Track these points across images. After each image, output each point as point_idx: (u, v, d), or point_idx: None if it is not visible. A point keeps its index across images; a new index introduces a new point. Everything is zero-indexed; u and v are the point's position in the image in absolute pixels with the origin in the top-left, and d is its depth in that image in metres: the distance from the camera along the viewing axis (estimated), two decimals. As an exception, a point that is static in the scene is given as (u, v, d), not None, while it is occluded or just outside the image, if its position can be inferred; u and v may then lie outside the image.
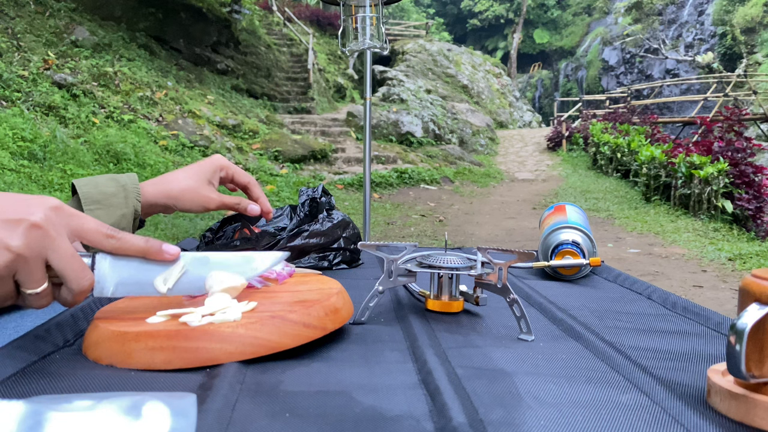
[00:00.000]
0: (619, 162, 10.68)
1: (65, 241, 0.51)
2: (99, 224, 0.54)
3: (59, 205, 0.52)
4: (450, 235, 6.42)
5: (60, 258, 0.50)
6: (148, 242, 0.56)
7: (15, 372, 0.50)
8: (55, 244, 0.50)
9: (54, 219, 0.50)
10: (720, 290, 4.36)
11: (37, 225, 0.49)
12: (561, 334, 0.66)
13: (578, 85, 30.51)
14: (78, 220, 0.53)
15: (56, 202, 0.52)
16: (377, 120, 12.29)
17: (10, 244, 0.48)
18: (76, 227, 0.53)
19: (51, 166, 6.35)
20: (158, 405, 0.37)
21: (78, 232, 0.53)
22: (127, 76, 9.00)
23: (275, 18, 16.87)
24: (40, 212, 0.50)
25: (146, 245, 0.56)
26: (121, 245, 0.55)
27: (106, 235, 0.54)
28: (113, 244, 0.55)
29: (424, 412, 0.43)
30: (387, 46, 1.51)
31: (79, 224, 0.53)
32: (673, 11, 28.19)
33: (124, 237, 0.55)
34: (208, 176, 0.83)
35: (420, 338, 0.61)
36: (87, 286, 0.52)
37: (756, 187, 7.42)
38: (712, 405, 0.45)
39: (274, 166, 9.30)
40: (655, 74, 26.77)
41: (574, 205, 1.09)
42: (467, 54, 20.61)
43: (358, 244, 0.72)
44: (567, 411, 0.44)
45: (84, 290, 0.52)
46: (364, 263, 1.11)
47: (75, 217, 0.53)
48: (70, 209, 0.53)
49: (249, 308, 0.58)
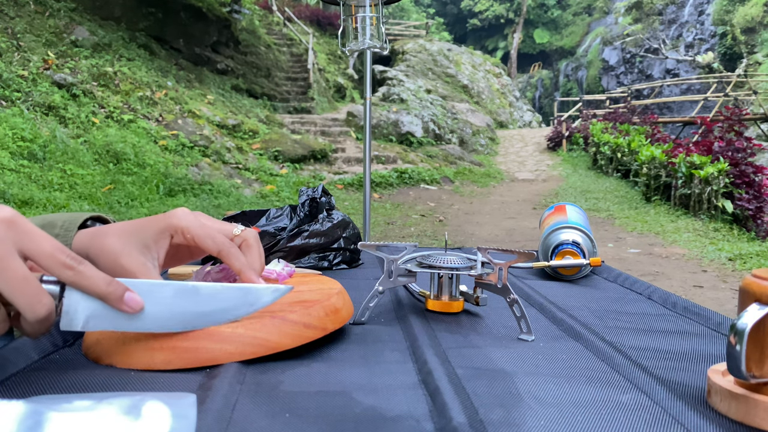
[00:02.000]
0: (619, 162, 10.68)
1: (14, 260, 0.43)
2: (57, 249, 0.45)
3: (11, 218, 0.44)
4: (450, 235, 6.42)
5: (7, 281, 0.42)
6: (109, 286, 0.47)
7: (15, 372, 0.50)
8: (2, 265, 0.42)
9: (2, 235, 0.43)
10: (720, 290, 4.36)
11: None
12: (561, 334, 0.66)
13: (578, 85, 30.51)
14: (32, 239, 0.44)
15: (9, 214, 0.44)
16: (377, 120, 12.29)
17: None
18: (28, 248, 0.44)
19: (51, 166, 6.35)
20: (158, 405, 0.37)
21: (30, 253, 0.44)
22: (127, 76, 9.00)
23: (275, 18, 16.88)
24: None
25: (106, 289, 0.47)
26: (79, 280, 0.46)
27: (63, 264, 0.45)
28: (69, 277, 0.45)
29: (424, 412, 0.43)
30: (387, 46, 1.51)
31: (33, 244, 0.44)
32: (673, 11, 28.18)
33: (84, 272, 0.46)
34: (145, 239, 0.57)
35: (420, 338, 0.61)
36: (43, 313, 0.44)
37: (756, 187, 7.42)
38: (712, 405, 0.45)
39: (274, 166, 9.31)
40: (655, 74, 26.76)
41: (575, 205, 1.09)
42: (467, 54, 20.61)
43: (358, 244, 0.72)
44: (567, 411, 0.44)
45: (40, 318, 0.44)
46: (364, 263, 1.11)
47: (29, 236, 0.44)
48: (25, 225, 0.44)
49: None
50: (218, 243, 0.57)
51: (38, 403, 0.36)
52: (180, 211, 0.59)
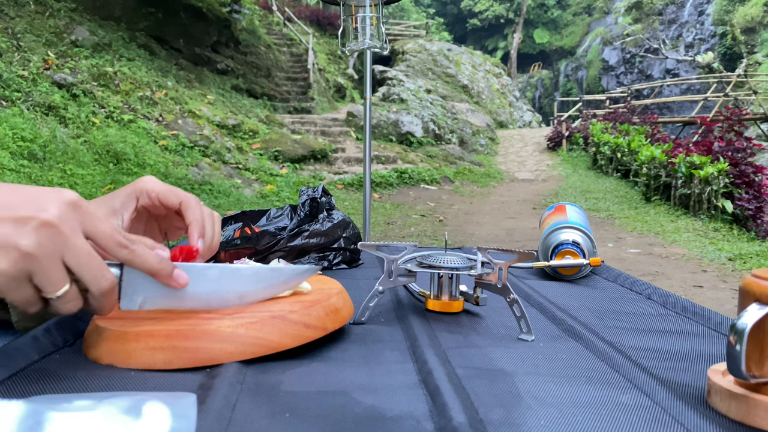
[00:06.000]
0: (619, 162, 10.68)
1: (80, 239, 0.47)
2: (114, 230, 0.50)
3: (76, 200, 0.48)
4: (450, 235, 6.42)
5: (75, 257, 0.47)
6: (161, 263, 0.52)
7: (15, 372, 0.50)
8: (70, 242, 0.46)
9: (69, 215, 0.47)
10: (720, 290, 4.36)
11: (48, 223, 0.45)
12: (561, 334, 0.66)
13: (578, 84, 30.51)
14: (93, 220, 0.49)
15: (73, 196, 0.48)
16: (377, 120, 12.28)
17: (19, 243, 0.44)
18: (89, 228, 0.48)
19: (51, 166, 6.35)
20: (158, 405, 0.37)
21: (91, 233, 0.48)
22: (127, 76, 9.00)
23: (275, 18, 16.87)
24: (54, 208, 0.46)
25: (158, 266, 0.52)
26: (133, 258, 0.51)
27: (119, 243, 0.50)
28: (125, 255, 0.50)
29: (425, 412, 0.43)
30: (387, 46, 1.51)
31: (93, 225, 0.49)
32: (673, 11, 28.19)
33: (137, 250, 0.51)
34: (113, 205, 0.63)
35: (420, 338, 0.61)
36: (106, 286, 0.49)
37: (756, 187, 7.42)
38: (712, 405, 0.45)
39: (274, 166, 9.31)
40: (655, 74, 26.77)
41: (575, 205, 1.09)
42: (467, 54, 20.61)
43: (358, 244, 0.72)
44: (567, 411, 0.44)
45: (104, 291, 0.49)
46: (364, 263, 1.11)
47: (89, 217, 0.48)
48: (87, 206, 0.49)
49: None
50: (181, 195, 0.64)
51: (38, 403, 0.36)
52: (147, 176, 0.67)
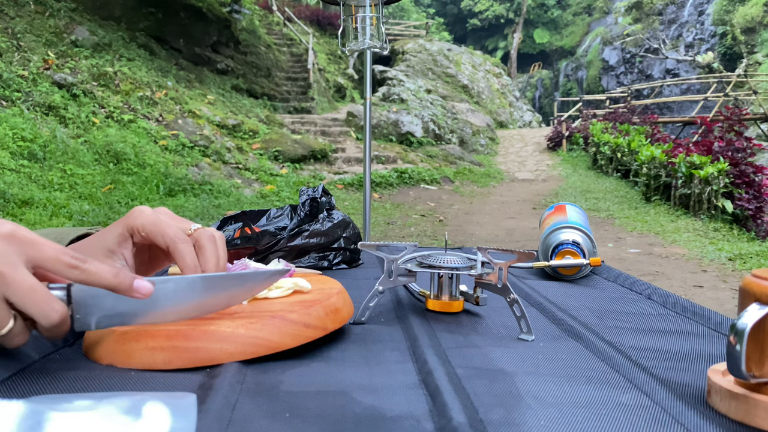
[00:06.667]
0: (619, 162, 10.68)
1: (20, 273, 0.45)
2: (60, 251, 0.47)
3: (11, 231, 0.46)
4: (450, 235, 6.42)
5: (16, 294, 0.45)
6: (117, 276, 0.48)
7: (15, 372, 0.50)
8: (9, 279, 0.44)
9: (5, 250, 0.45)
10: (720, 290, 4.36)
11: None
12: (561, 334, 0.66)
13: (578, 84, 30.50)
14: (35, 247, 0.46)
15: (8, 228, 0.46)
16: (377, 120, 12.28)
17: None
18: (33, 255, 0.46)
19: (51, 166, 6.35)
20: (158, 405, 0.37)
21: (36, 260, 0.46)
22: (127, 76, 9.00)
23: (275, 18, 16.87)
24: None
25: (115, 280, 0.48)
26: (86, 277, 0.47)
27: (68, 264, 0.47)
28: (77, 276, 0.47)
29: (424, 412, 0.43)
30: (387, 46, 1.51)
31: (37, 252, 0.46)
32: (673, 11, 28.17)
33: (89, 268, 0.47)
34: (107, 244, 0.59)
35: (420, 338, 0.61)
36: (56, 318, 0.46)
37: (756, 187, 7.42)
38: (712, 405, 0.45)
39: (274, 166, 9.31)
40: (655, 74, 26.76)
41: (575, 205, 1.09)
42: (467, 54, 20.60)
43: (358, 244, 0.72)
44: (567, 411, 0.44)
45: (54, 323, 0.46)
46: (364, 263, 1.11)
47: (30, 245, 0.46)
48: (25, 235, 0.46)
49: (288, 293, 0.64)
50: (167, 238, 0.57)
51: (38, 403, 0.36)
52: (138, 209, 0.59)
